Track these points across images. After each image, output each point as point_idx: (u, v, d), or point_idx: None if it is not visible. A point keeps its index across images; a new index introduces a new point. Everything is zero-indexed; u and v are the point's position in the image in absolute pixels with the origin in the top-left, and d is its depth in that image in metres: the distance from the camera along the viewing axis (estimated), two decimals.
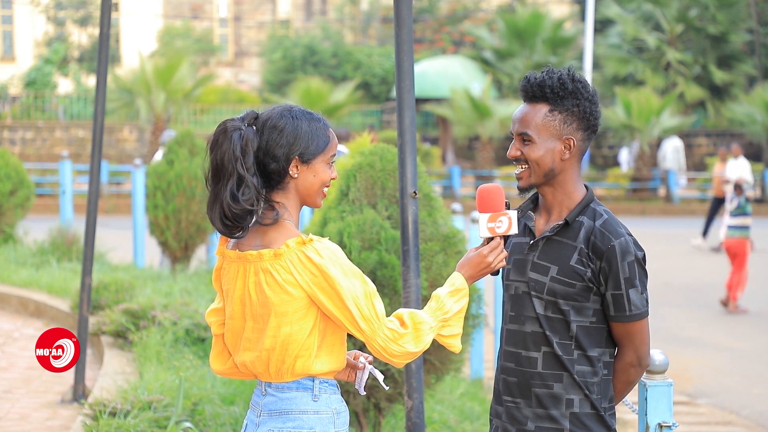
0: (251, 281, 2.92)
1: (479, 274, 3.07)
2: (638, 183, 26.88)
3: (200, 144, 11.58)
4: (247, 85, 40.46)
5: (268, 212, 2.93)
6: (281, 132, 2.93)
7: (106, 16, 6.62)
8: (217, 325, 3.09)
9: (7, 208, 13.09)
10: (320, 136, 2.97)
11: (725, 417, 7.93)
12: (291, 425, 2.93)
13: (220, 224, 2.91)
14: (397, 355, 2.91)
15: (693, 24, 30.60)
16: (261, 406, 2.99)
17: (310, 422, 2.93)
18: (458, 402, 6.84)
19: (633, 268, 3.04)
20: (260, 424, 2.98)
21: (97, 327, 8.12)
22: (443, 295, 3.00)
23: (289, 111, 2.97)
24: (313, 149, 2.95)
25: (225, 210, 2.88)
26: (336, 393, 2.99)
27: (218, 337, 3.11)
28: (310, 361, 2.91)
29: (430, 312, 2.97)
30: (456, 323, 3.03)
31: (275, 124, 2.94)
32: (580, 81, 3.11)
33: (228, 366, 3.10)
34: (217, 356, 3.12)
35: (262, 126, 2.94)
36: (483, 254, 3.06)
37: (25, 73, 34.73)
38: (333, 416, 2.96)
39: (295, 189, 2.96)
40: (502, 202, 3.09)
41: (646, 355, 3.12)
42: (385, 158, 5.21)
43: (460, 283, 3.04)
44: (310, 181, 2.96)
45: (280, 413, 2.95)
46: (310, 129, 2.95)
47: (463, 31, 35.98)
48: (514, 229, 3.08)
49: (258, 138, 2.93)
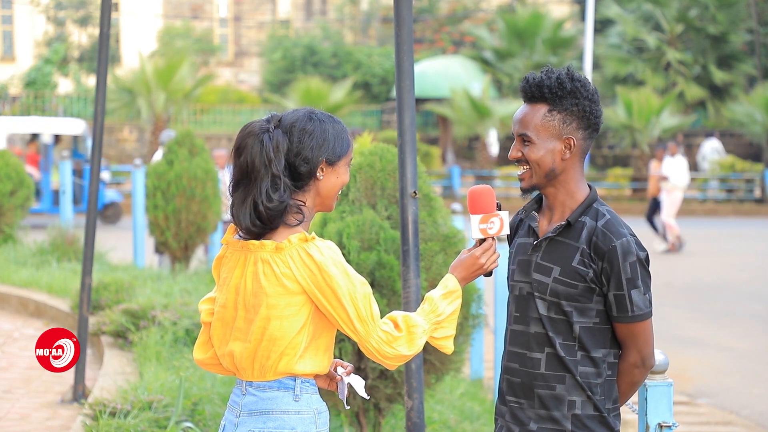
0: (249, 270, 2.93)
1: (472, 275, 3.08)
2: (638, 183, 26.88)
3: (200, 144, 11.58)
4: (247, 85, 40.47)
5: (295, 215, 2.94)
6: (311, 135, 2.95)
7: (106, 16, 6.62)
8: (206, 312, 3.08)
9: (7, 208, 13.10)
10: (344, 138, 3.01)
11: (725, 417, 7.93)
12: (272, 425, 2.93)
13: (251, 225, 2.91)
14: (390, 357, 2.93)
15: (693, 24, 30.60)
16: (241, 405, 2.99)
17: (291, 422, 2.93)
18: (458, 402, 6.84)
19: (635, 269, 3.03)
20: (239, 425, 2.97)
21: (97, 327, 8.12)
22: (436, 298, 3.02)
23: (314, 114, 3.00)
24: (339, 151, 2.98)
25: (260, 210, 2.89)
26: (316, 393, 3.00)
27: (206, 326, 3.10)
28: (295, 360, 2.92)
29: (423, 315, 2.99)
30: (449, 325, 3.04)
31: (304, 126, 2.96)
32: (579, 80, 3.10)
33: (209, 356, 3.09)
34: (201, 345, 3.11)
35: (290, 129, 2.96)
36: (475, 256, 3.07)
37: (25, 73, 34.74)
38: (314, 416, 2.96)
39: (317, 191, 2.99)
40: (493, 203, 3.10)
41: (650, 355, 3.11)
42: (385, 158, 5.21)
43: (453, 285, 3.05)
44: (333, 182, 2.99)
45: (260, 413, 2.95)
46: (335, 131, 2.99)
47: (463, 31, 35.98)
48: (505, 230, 3.08)
49: (287, 140, 2.94)
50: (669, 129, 27.09)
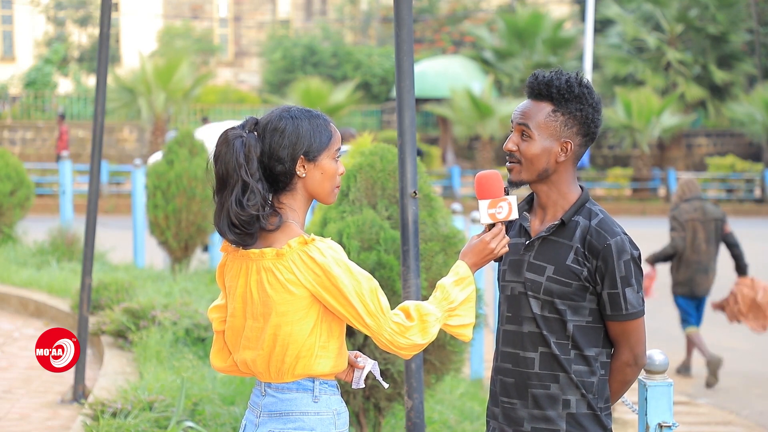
0: (253, 279, 2.93)
1: (483, 261, 3.07)
2: (638, 183, 26.88)
3: (200, 144, 11.58)
4: (247, 85, 40.46)
5: (272, 218, 2.93)
6: (282, 133, 2.93)
7: (106, 16, 6.62)
8: (218, 321, 3.09)
9: (7, 208, 13.09)
10: (322, 132, 2.97)
11: (725, 417, 7.93)
12: (292, 426, 2.93)
13: (230, 233, 2.90)
14: (404, 348, 2.92)
15: (693, 24, 30.58)
16: (260, 406, 2.99)
17: (310, 423, 2.93)
18: (458, 402, 6.84)
19: (629, 267, 3.04)
20: (260, 425, 2.97)
21: (97, 327, 8.12)
22: (448, 285, 3.00)
23: (288, 111, 2.97)
24: (317, 146, 2.95)
25: (232, 217, 2.88)
26: (336, 394, 2.99)
27: (219, 334, 3.11)
28: (311, 361, 2.91)
29: (435, 302, 2.98)
30: (465, 313, 3.02)
31: (276, 126, 2.94)
32: (586, 87, 3.12)
33: (228, 363, 3.10)
34: (217, 353, 3.12)
35: (263, 130, 2.95)
36: (485, 241, 3.06)
37: (25, 73, 34.72)
38: (333, 417, 2.96)
39: (304, 188, 2.97)
40: (501, 187, 3.10)
41: (642, 354, 3.12)
42: (385, 158, 5.21)
43: (464, 271, 3.03)
44: (318, 178, 2.96)
45: (280, 414, 2.95)
46: (311, 126, 2.95)
47: (463, 31, 35.97)
48: (514, 214, 3.08)
49: (260, 143, 2.93)
50: (669, 129, 27.09)
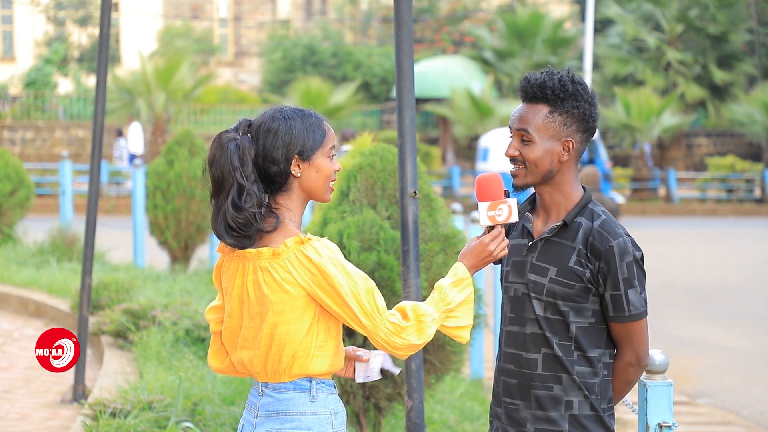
0: (249, 279, 2.93)
1: (481, 263, 3.06)
2: (638, 183, 26.88)
3: (200, 144, 11.58)
4: (247, 85, 40.47)
5: (268, 219, 2.93)
6: (276, 134, 2.93)
7: (106, 16, 6.62)
8: (215, 322, 3.09)
9: (7, 208, 13.09)
10: (315, 130, 2.97)
11: (725, 417, 7.93)
12: (289, 426, 2.93)
13: (228, 236, 2.91)
14: (400, 348, 2.92)
15: (693, 24, 30.60)
16: (258, 406, 2.99)
17: (308, 423, 2.93)
18: (458, 402, 6.83)
19: (632, 269, 3.04)
20: (257, 425, 2.98)
21: (97, 327, 8.12)
22: (446, 286, 3.00)
23: (280, 111, 2.97)
24: (311, 145, 2.95)
25: (229, 221, 2.88)
26: (333, 393, 2.99)
27: (216, 335, 3.11)
28: (308, 361, 2.92)
29: (432, 303, 2.98)
30: (462, 314, 3.02)
31: (269, 127, 2.94)
32: (579, 83, 3.11)
33: (226, 364, 3.10)
34: (215, 354, 3.12)
35: (257, 132, 2.95)
36: (485, 243, 3.06)
37: (25, 73, 34.74)
38: (331, 417, 2.96)
39: (300, 188, 2.97)
40: (501, 190, 3.09)
41: (645, 354, 3.12)
42: (385, 158, 5.21)
43: (463, 272, 3.03)
44: (314, 177, 2.96)
45: (277, 414, 2.95)
46: (304, 126, 2.95)
47: (463, 31, 35.98)
48: (514, 217, 3.07)
49: (254, 145, 2.93)
50: (669, 129, 27.10)
